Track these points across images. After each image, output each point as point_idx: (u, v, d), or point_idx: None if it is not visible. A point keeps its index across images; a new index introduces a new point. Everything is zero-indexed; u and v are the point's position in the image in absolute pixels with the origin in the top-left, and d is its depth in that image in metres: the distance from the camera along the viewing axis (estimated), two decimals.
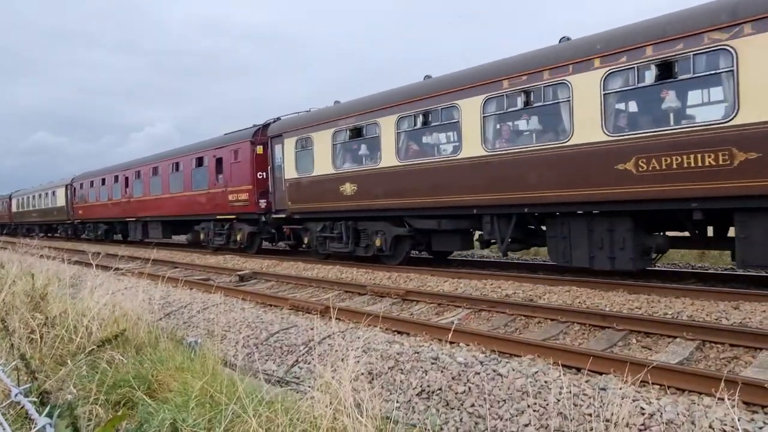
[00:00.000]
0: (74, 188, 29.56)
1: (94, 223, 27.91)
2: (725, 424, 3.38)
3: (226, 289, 10.18)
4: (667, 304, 6.97)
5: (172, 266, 15.28)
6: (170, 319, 8.02)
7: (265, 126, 16.04)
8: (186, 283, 10.56)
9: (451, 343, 5.91)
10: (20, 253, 15.12)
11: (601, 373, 4.71)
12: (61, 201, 30.76)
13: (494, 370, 4.56)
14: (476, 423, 4.08)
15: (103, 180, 26.04)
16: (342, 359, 3.68)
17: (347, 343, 5.53)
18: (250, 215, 16.30)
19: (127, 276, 10.58)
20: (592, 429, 3.50)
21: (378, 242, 12.28)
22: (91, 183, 27.42)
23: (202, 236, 19.19)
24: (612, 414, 3.30)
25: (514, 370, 4.51)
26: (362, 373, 4.52)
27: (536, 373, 4.40)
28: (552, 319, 6.81)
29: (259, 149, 15.89)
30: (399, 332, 6.63)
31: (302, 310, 8.11)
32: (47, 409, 2.07)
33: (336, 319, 6.56)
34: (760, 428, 3.41)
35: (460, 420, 4.17)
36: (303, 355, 5.86)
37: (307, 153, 13.91)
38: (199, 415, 3.24)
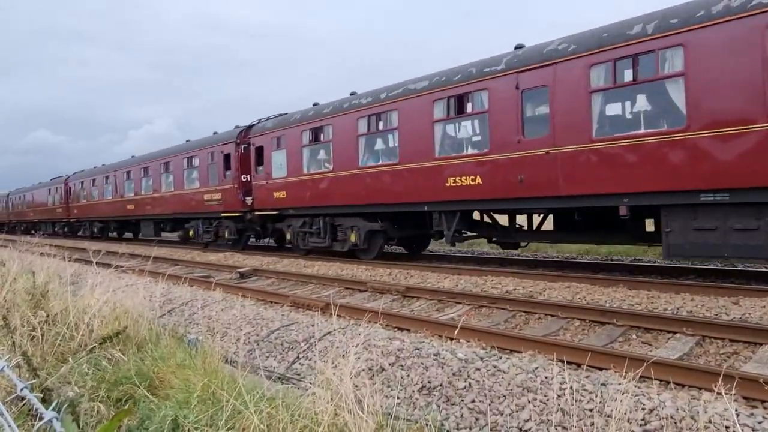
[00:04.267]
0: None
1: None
2: (725, 419, 3.39)
3: (227, 286, 10.18)
4: (667, 299, 6.98)
5: (173, 263, 15.28)
6: (171, 317, 8.03)
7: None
8: (187, 281, 10.57)
9: (451, 339, 5.93)
10: (21, 251, 15.12)
11: (601, 369, 4.72)
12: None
13: (495, 366, 4.57)
14: (477, 419, 4.09)
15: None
16: (343, 356, 3.68)
17: (348, 339, 5.53)
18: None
19: (128, 273, 10.59)
20: (592, 424, 3.51)
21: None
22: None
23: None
24: (612, 409, 3.31)
25: (514, 366, 4.53)
26: (363, 370, 4.52)
27: (537, 368, 4.41)
28: (552, 315, 6.83)
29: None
30: (399, 328, 6.64)
31: (303, 307, 8.12)
32: (52, 405, 2.07)
33: (336, 315, 6.57)
34: (760, 422, 3.42)
35: (461, 416, 4.18)
36: (304, 351, 5.87)
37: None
38: (200, 412, 3.26)
